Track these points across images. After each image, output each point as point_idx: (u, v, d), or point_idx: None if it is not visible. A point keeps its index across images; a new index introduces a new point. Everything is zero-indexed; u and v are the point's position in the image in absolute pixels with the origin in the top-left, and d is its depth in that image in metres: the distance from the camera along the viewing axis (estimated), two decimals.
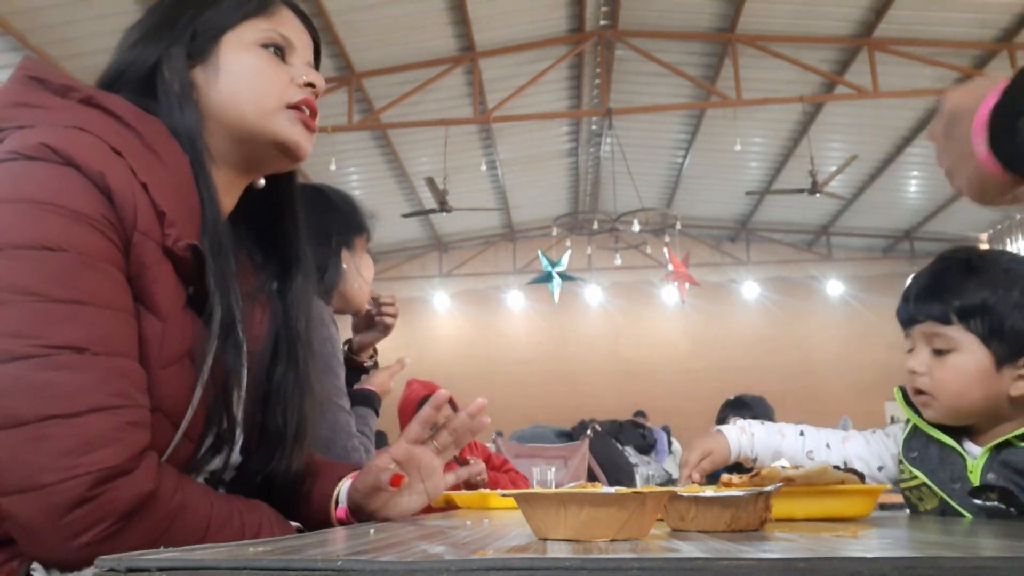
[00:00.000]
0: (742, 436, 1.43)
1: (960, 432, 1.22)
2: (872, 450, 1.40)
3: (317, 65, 1.05)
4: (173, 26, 0.93)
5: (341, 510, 1.01)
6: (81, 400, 0.67)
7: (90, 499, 0.66)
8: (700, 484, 1.36)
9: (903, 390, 1.31)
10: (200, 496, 0.78)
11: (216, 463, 0.89)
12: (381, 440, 11.52)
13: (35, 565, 0.74)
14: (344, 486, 1.02)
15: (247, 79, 0.93)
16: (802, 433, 1.45)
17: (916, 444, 1.27)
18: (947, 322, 1.17)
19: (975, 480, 1.16)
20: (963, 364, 1.16)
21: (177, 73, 0.89)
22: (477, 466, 1.20)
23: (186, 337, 0.80)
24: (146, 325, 0.77)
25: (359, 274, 1.63)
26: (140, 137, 0.81)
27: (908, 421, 1.30)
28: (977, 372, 1.15)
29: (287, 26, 0.99)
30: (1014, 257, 1.23)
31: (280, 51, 0.96)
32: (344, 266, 1.61)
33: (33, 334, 0.68)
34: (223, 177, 0.93)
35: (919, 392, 1.23)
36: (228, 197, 0.96)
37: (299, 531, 0.93)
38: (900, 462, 1.31)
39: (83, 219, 0.73)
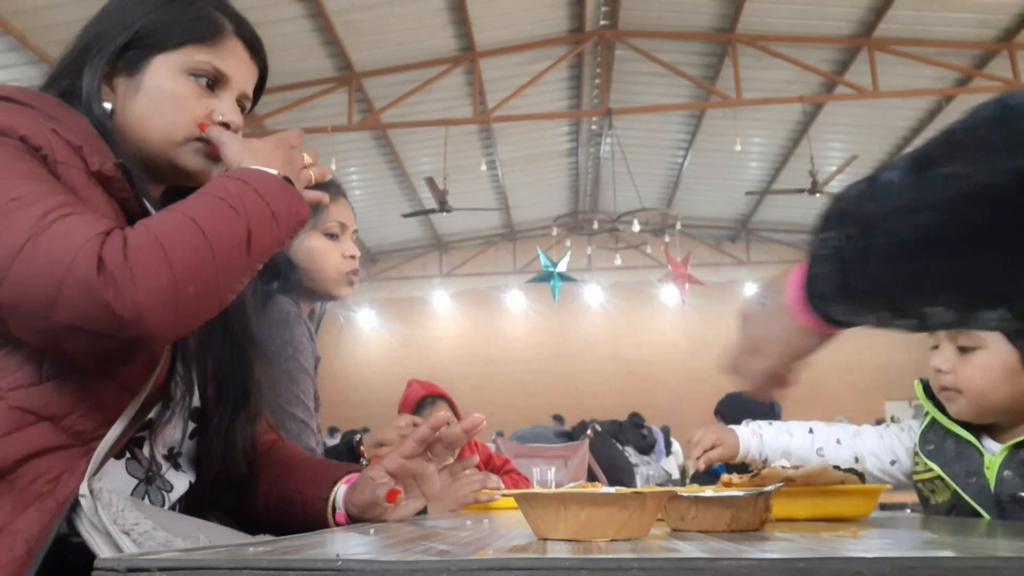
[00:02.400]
0: (752, 439, 1.43)
1: (980, 429, 1.22)
2: (885, 444, 1.40)
3: (258, 94, 1.07)
4: (120, 20, 0.98)
5: (340, 515, 1.02)
6: (48, 216, 0.73)
7: (102, 259, 0.71)
8: (701, 471, 1.37)
9: (924, 383, 1.31)
10: (169, 211, 0.80)
11: (175, 435, 0.92)
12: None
13: (83, 490, 0.76)
14: (339, 491, 1.03)
15: (161, 108, 0.95)
16: (811, 431, 1.45)
17: (933, 437, 1.28)
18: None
19: (991, 476, 1.17)
20: (988, 361, 1.17)
21: (91, 78, 0.94)
22: (490, 481, 1.19)
23: None
24: None
25: (303, 261, 1.50)
26: (35, 110, 0.86)
27: (927, 414, 1.31)
28: (1002, 370, 1.16)
29: (228, 59, 0.99)
30: None
31: (211, 82, 0.98)
32: (292, 256, 1.51)
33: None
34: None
35: (944, 388, 1.23)
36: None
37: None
38: (916, 454, 1.31)
39: (8, 144, 0.79)
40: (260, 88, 1.07)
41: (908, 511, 5.60)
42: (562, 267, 10.49)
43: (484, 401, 12.81)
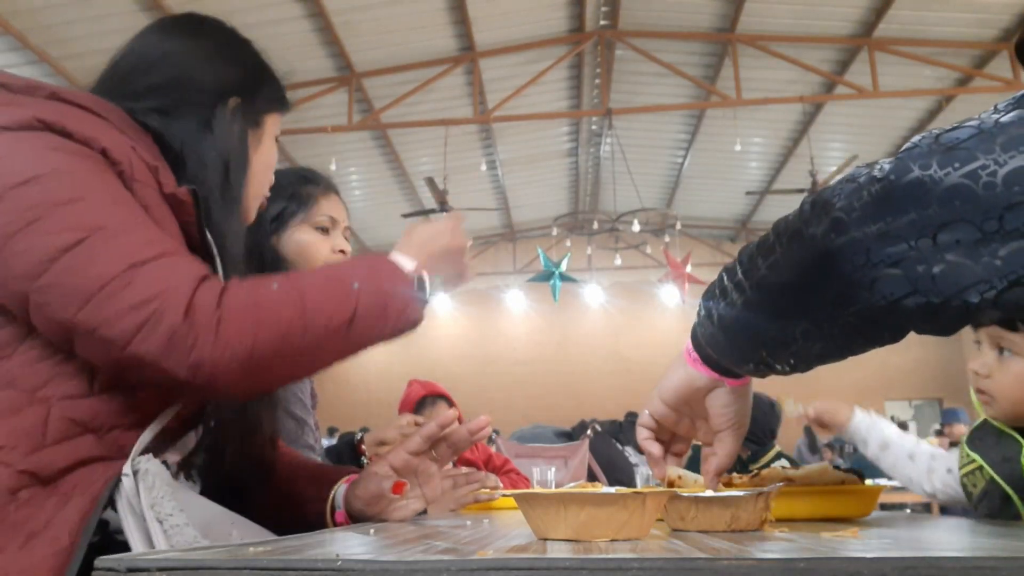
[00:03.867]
0: (865, 418, 1.47)
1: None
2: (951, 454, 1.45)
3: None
4: (235, 68, 0.99)
5: (340, 514, 1.02)
6: (142, 253, 0.74)
7: (190, 307, 0.72)
8: (812, 422, 1.41)
9: None
10: (270, 280, 0.81)
11: (188, 443, 0.92)
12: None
13: (126, 470, 0.76)
14: (339, 490, 1.04)
15: (267, 167, 1.05)
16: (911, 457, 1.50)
17: (979, 434, 1.32)
18: (1012, 328, 1.20)
19: None
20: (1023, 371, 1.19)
21: (241, 123, 0.98)
22: (489, 481, 1.19)
23: None
24: None
25: (290, 256, 1.50)
26: (108, 121, 0.86)
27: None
28: None
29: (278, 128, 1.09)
30: None
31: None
32: (281, 252, 1.50)
33: (93, 225, 0.75)
34: None
35: (980, 391, 1.26)
36: None
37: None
38: (963, 449, 1.34)
39: (89, 158, 0.79)
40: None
41: (908, 511, 5.61)
42: (562, 267, 10.49)
43: (484, 401, 12.81)
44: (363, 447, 1.75)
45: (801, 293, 0.65)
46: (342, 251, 1.54)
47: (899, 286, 0.57)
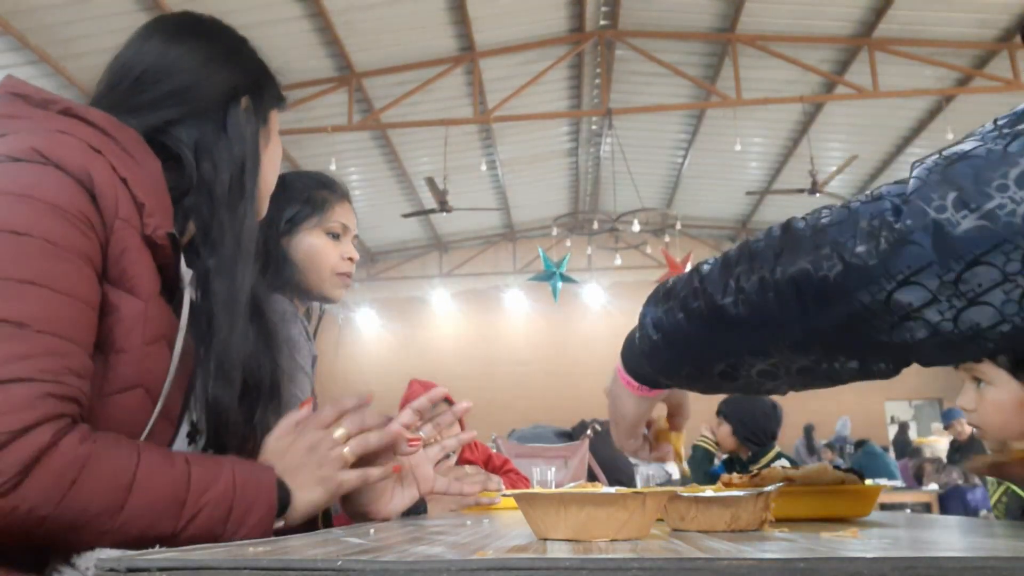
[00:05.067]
0: None
1: None
2: None
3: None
4: (239, 68, 1.00)
5: (338, 518, 1.02)
6: (5, 370, 0.70)
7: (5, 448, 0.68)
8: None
9: None
10: (117, 447, 0.77)
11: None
12: None
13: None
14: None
15: (275, 164, 1.06)
16: None
17: None
18: (978, 359, 1.24)
19: None
20: (999, 397, 1.24)
21: (252, 120, 0.98)
22: (491, 483, 1.20)
23: (162, 322, 0.85)
24: (128, 306, 0.81)
25: (300, 259, 1.50)
26: (116, 141, 0.85)
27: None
28: (1013, 403, 1.22)
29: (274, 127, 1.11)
30: None
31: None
32: (288, 253, 1.50)
33: None
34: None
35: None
36: None
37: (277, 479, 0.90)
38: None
39: (57, 211, 0.77)
40: None
41: (908, 511, 5.61)
42: (563, 267, 10.50)
43: (484, 401, 12.80)
44: None
45: (776, 328, 0.65)
46: (350, 258, 1.55)
47: (921, 330, 0.58)
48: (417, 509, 1.17)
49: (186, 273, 0.88)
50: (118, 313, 0.80)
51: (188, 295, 0.88)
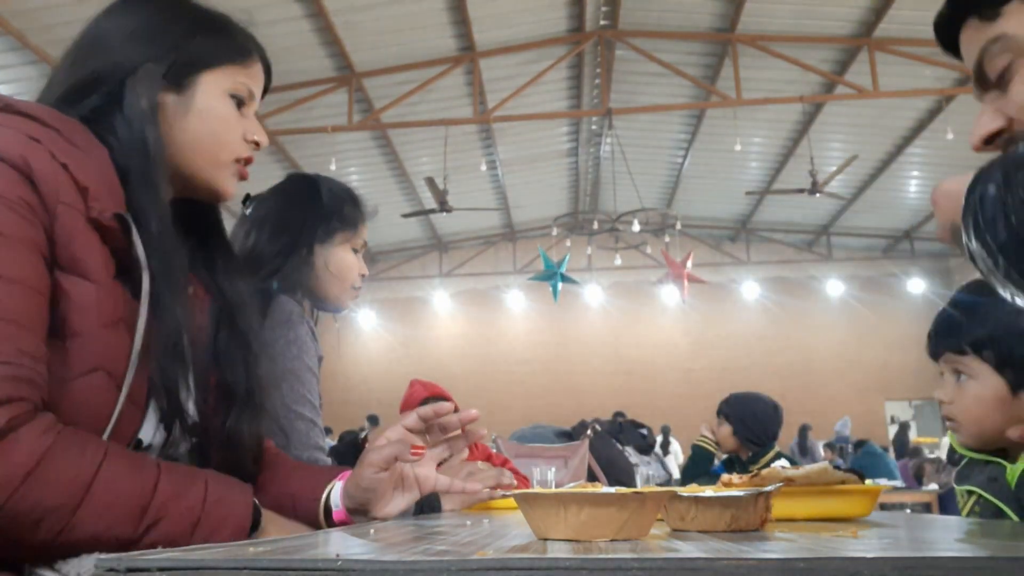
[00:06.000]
0: None
1: (995, 454, 1.29)
2: None
3: (263, 95, 1.09)
4: (160, 38, 0.95)
5: (339, 513, 1.01)
6: None
7: None
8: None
9: None
10: (82, 444, 0.76)
11: (158, 437, 0.90)
12: (373, 421, 11.22)
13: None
14: (335, 488, 1.03)
15: (214, 129, 0.96)
16: None
17: (965, 471, 1.36)
18: (962, 352, 1.25)
19: (1012, 480, 1.22)
20: (981, 391, 1.24)
21: (147, 91, 0.91)
22: (504, 477, 1.22)
23: (118, 305, 0.83)
24: (80, 290, 0.80)
25: (326, 270, 1.54)
26: (58, 132, 0.84)
27: (958, 460, 1.37)
28: (994, 399, 1.22)
29: (255, 80, 1.02)
30: None
31: (241, 102, 1.00)
32: (314, 259, 1.54)
33: None
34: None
35: (947, 418, 1.30)
36: None
37: (253, 501, 0.90)
38: (959, 492, 1.37)
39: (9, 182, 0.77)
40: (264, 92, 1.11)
41: (908, 511, 5.61)
42: (563, 267, 10.51)
43: (484, 401, 12.80)
44: (367, 444, 1.77)
45: None
46: (363, 275, 1.61)
47: None
48: (432, 507, 1.17)
49: (141, 254, 0.85)
50: (69, 298, 0.79)
51: (147, 277, 0.85)
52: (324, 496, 1.02)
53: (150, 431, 0.87)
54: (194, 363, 0.95)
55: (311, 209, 1.54)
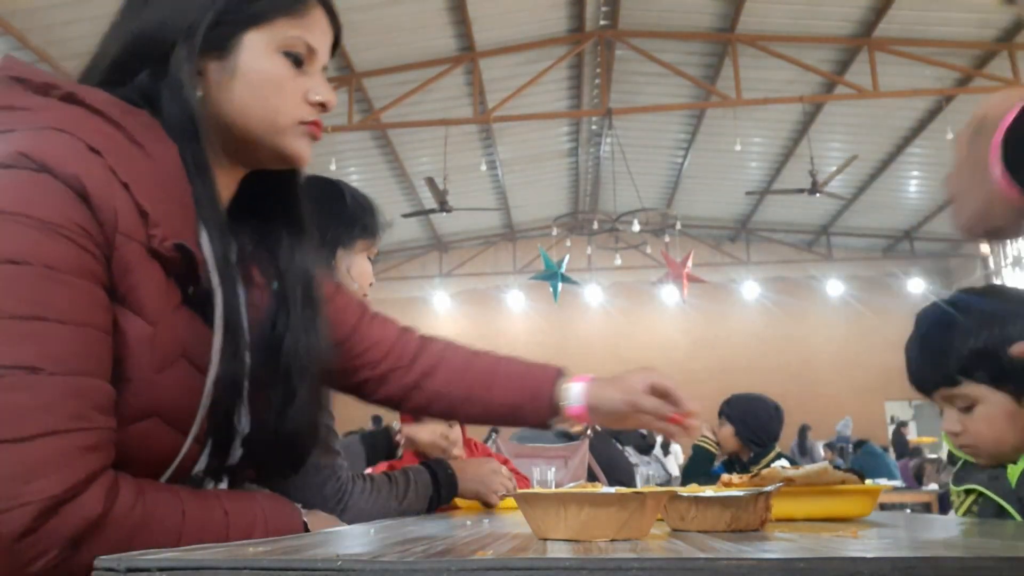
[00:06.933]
0: None
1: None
2: None
3: (333, 54, 0.97)
4: (196, 4, 0.85)
5: (577, 409, 1.07)
6: (30, 424, 0.65)
7: (34, 529, 0.64)
8: None
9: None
10: (167, 504, 0.74)
11: (212, 462, 0.86)
12: (377, 423, 11.29)
13: None
14: (572, 389, 1.11)
15: (263, 93, 0.86)
16: None
17: (963, 473, 1.34)
18: (956, 383, 1.20)
19: (1013, 479, 1.21)
20: (989, 413, 1.19)
21: (185, 63, 0.82)
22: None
23: (180, 339, 0.77)
24: (135, 329, 0.74)
25: (347, 275, 1.56)
26: (123, 131, 0.77)
27: (958, 460, 1.34)
28: (1004, 416, 1.18)
29: (315, 30, 0.90)
30: (984, 293, 1.26)
31: (299, 59, 0.88)
32: (335, 264, 1.56)
33: None
34: (220, 169, 0.88)
35: (963, 447, 1.26)
36: (226, 189, 0.90)
37: (303, 521, 0.90)
38: (952, 493, 1.35)
39: (52, 229, 0.69)
40: (334, 49, 0.97)
41: (908, 511, 5.61)
42: (562, 268, 10.51)
43: None
44: (398, 438, 1.85)
45: None
46: (371, 283, 1.65)
47: None
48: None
49: (215, 281, 0.79)
50: (124, 337, 0.73)
51: (220, 306, 0.79)
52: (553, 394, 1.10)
53: (204, 460, 0.84)
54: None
55: (337, 214, 1.57)
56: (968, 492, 1.31)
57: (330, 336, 0.98)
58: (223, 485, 0.89)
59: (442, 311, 15.21)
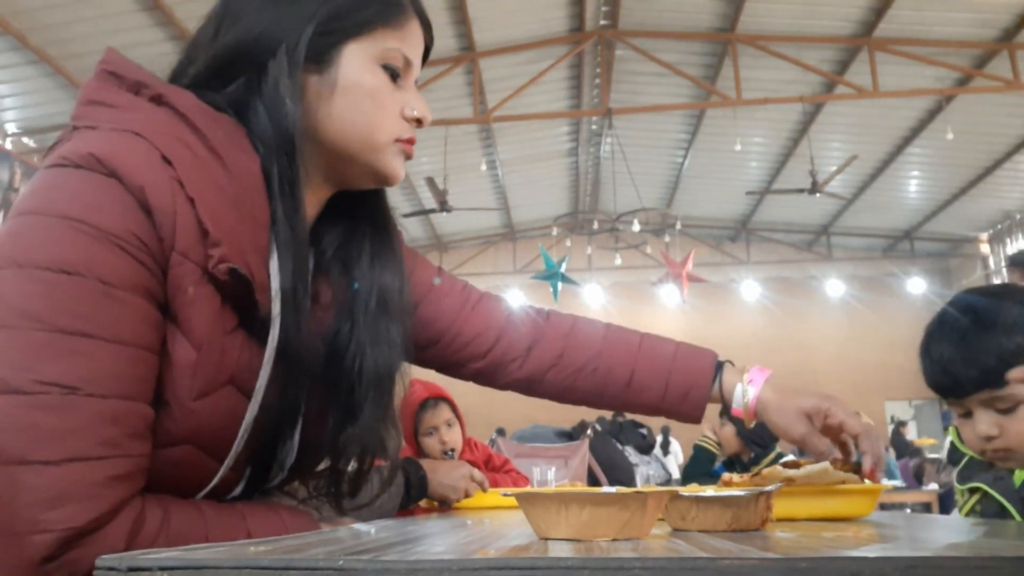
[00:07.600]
0: None
1: None
2: None
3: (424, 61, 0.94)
4: (297, 14, 0.80)
5: (743, 412, 1.08)
6: (59, 447, 0.63)
7: (56, 557, 0.62)
8: None
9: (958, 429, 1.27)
10: (190, 531, 0.72)
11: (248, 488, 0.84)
12: None
13: None
14: (748, 393, 1.11)
15: (363, 108, 0.82)
16: None
17: (967, 472, 1.33)
18: (1002, 384, 1.11)
19: (1017, 480, 1.21)
20: None
21: (287, 77, 0.78)
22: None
23: (227, 365, 0.73)
24: (179, 353, 0.70)
25: None
26: (205, 139, 0.73)
27: (959, 459, 1.33)
28: None
29: (412, 42, 0.87)
30: (997, 294, 1.20)
31: (396, 73, 0.85)
32: None
33: (27, 366, 0.63)
34: (308, 189, 0.84)
35: (995, 452, 1.18)
36: (311, 208, 0.86)
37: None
38: (956, 491, 1.34)
39: (111, 240, 0.66)
40: (425, 57, 0.93)
41: (908, 511, 5.61)
42: (562, 268, 10.50)
43: (484, 401, 12.77)
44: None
45: None
46: None
47: None
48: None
49: (275, 310, 0.75)
50: (170, 359, 0.70)
51: (275, 339, 0.75)
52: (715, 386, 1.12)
53: (241, 487, 0.81)
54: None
55: None
56: (972, 491, 1.30)
57: (410, 342, 0.92)
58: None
59: None
